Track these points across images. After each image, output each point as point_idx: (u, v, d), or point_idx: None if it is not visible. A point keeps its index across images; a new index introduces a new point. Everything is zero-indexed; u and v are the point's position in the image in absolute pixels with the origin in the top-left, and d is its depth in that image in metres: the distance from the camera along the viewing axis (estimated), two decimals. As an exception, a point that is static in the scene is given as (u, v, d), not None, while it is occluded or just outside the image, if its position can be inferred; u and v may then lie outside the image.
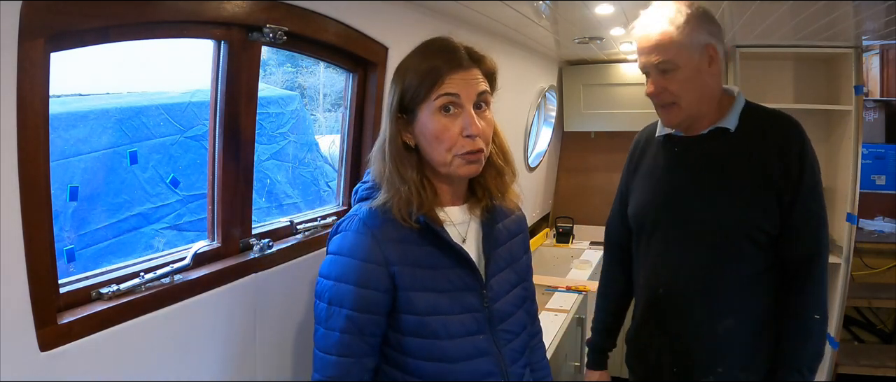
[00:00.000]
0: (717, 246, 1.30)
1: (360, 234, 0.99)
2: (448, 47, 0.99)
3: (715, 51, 1.26)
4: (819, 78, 3.12)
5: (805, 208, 1.26)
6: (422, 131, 0.98)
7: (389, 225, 0.99)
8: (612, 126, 3.55)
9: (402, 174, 0.98)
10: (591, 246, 3.52)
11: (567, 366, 2.39)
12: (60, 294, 0.96)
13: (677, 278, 1.35)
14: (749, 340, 1.32)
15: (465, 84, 0.97)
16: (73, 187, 1.93)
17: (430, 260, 1.00)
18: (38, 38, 0.82)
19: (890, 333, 3.35)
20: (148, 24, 1.02)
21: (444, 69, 0.96)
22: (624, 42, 2.83)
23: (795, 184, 1.25)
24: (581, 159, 3.81)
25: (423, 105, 0.97)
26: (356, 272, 0.98)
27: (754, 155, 1.28)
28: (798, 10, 2.04)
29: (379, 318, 0.99)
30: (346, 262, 0.99)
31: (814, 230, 1.27)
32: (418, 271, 0.99)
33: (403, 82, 0.98)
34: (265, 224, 1.47)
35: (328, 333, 0.99)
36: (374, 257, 0.97)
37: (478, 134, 0.97)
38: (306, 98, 3.14)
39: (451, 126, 0.96)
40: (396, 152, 0.99)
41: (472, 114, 0.97)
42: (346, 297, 0.98)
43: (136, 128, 2.14)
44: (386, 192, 0.99)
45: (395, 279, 0.98)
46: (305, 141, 2.94)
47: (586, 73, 3.54)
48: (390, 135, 0.99)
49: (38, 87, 0.84)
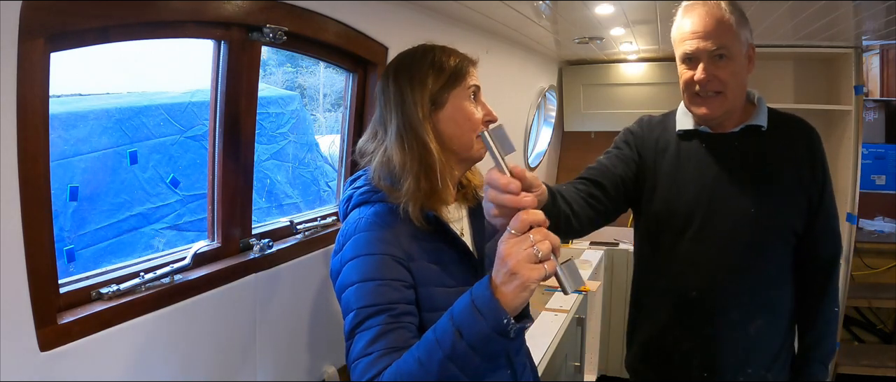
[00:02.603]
0: (752, 245, 1.29)
1: (373, 231, 0.96)
2: (455, 52, 1.07)
3: (753, 51, 1.30)
4: (819, 78, 3.12)
5: (828, 212, 1.32)
6: (452, 116, 1.02)
7: (401, 223, 0.98)
8: (612, 126, 3.55)
9: (429, 162, 0.98)
10: (591, 246, 3.52)
11: (567, 366, 2.39)
12: (60, 294, 0.96)
13: (713, 279, 1.32)
14: (776, 339, 1.33)
15: (477, 78, 1.06)
16: (73, 187, 1.93)
17: (440, 256, 1.00)
18: (38, 38, 0.82)
19: (890, 333, 3.35)
20: (148, 24, 1.02)
21: (467, 62, 1.05)
22: (624, 42, 2.83)
23: (821, 187, 1.30)
24: (581, 159, 3.81)
25: (456, 91, 1.02)
26: (380, 267, 0.93)
27: (787, 156, 1.30)
28: (798, 10, 2.04)
29: (412, 307, 0.94)
30: (366, 261, 0.93)
31: (835, 232, 1.34)
32: (432, 267, 0.98)
33: (432, 72, 1.02)
34: (265, 224, 1.47)
35: (363, 334, 0.90)
36: (393, 251, 0.95)
37: (495, 120, 1.04)
38: (306, 98, 3.14)
39: (477, 112, 1.03)
40: (425, 140, 0.99)
41: (484, 100, 1.06)
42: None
43: (136, 128, 2.14)
44: (406, 181, 0.98)
45: (413, 275, 0.96)
46: (305, 141, 2.94)
47: (586, 73, 3.54)
48: (417, 122, 1.00)
49: (38, 87, 0.84)
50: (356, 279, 0.91)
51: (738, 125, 1.32)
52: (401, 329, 0.89)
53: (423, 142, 0.99)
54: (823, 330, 1.34)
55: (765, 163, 1.30)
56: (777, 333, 1.33)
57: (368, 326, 0.88)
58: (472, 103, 1.04)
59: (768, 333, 1.32)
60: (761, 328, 1.31)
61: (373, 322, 0.88)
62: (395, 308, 0.89)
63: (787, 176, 1.29)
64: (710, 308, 1.32)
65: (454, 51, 1.06)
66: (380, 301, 0.89)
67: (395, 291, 0.91)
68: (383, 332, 0.87)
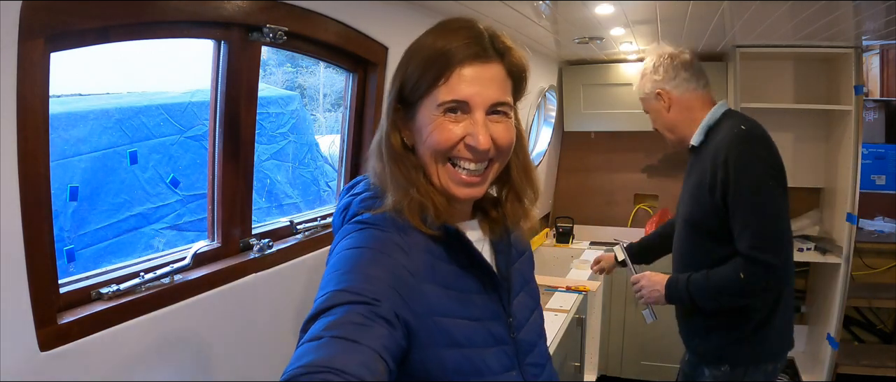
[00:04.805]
0: (688, 241, 1.65)
1: (380, 231, 0.78)
2: (467, 29, 0.79)
3: (664, 93, 1.64)
4: (819, 78, 3.12)
5: (740, 211, 1.47)
6: (418, 130, 0.81)
7: (412, 231, 0.79)
8: (611, 126, 3.55)
9: (405, 175, 0.80)
10: (591, 246, 3.52)
11: (567, 366, 2.38)
12: (60, 294, 0.96)
13: (675, 268, 1.72)
14: (710, 318, 1.67)
15: (479, 84, 0.77)
16: (74, 187, 1.93)
17: (459, 282, 0.81)
18: (38, 38, 0.82)
19: (890, 333, 3.35)
20: (148, 24, 1.02)
21: (456, 57, 0.76)
22: (624, 42, 2.83)
23: (723, 189, 1.48)
24: (581, 159, 3.81)
25: (425, 100, 0.79)
26: (380, 263, 0.74)
27: (704, 166, 1.55)
28: (798, 10, 2.04)
29: (399, 333, 0.70)
30: (362, 253, 0.75)
31: (752, 230, 1.46)
32: (451, 293, 0.79)
33: (407, 68, 0.80)
34: (265, 224, 1.47)
35: (325, 319, 0.66)
36: (402, 259, 0.76)
37: (485, 148, 0.77)
38: (306, 98, 3.15)
39: (453, 130, 0.78)
40: (393, 152, 0.81)
41: (481, 121, 0.77)
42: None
43: (136, 128, 2.14)
44: (393, 194, 0.80)
45: (419, 302, 0.75)
46: (305, 141, 2.94)
47: (586, 73, 3.54)
48: (386, 130, 0.82)
49: (38, 87, 0.84)
50: (342, 267, 0.72)
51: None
52: (376, 328, 0.65)
53: (393, 156, 0.83)
54: (705, 285, 1.54)
55: (694, 173, 1.61)
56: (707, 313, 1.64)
57: (335, 313, 0.64)
58: (446, 117, 0.79)
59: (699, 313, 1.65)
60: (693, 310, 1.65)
61: (343, 309, 0.64)
62: (379, 305, 0.67)
63: (702, 182, 1.55)
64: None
65: (458, 32, 0.79)
66: (363, 291, 0.67)
67: (389, 291, 0.70)
68: (351, 322, 0.63)
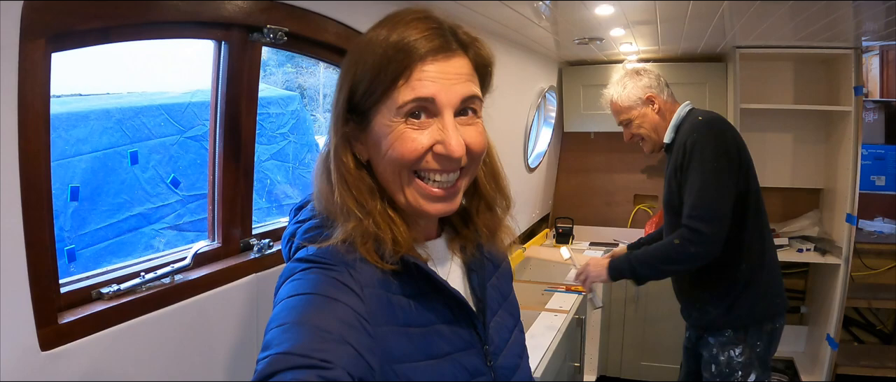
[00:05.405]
0: (666, 221, 1.95)
1: (326, 270, 0.67)
2: (424, 19, 0.68)
3: (650, 94, 1.91)
4: (819, 78, 3.12)
5: (689, 187, 1.74)
6: (375, 143, 0.69)
7: (363, 265, 0.68)
8: (611, 127, 3.48)
9: (358, 200, 0.69)
10: (590, 247, 3.52)
11: (567, 366, 2.39)
12: (61, 293, 0.96)
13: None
14: (692, 287, 1.97)
15: (444, 80, 0.67)
16: (74, 187, 1.93)
17: (421, 317, 0.71)
18: (38, 39, 0.82)
19: (890, 334, 3.35)
20: (148, 24, 1.02)
21: (416, 52, 0.66)
22: (624, 42, 2.84)
23: (686, 167, 1.76)
24: (581, 160, 3.81)
25: (381, 106, 0.67)
26: (326, 312, 0.63)
27: (674, 157, 1.84)
28: (798, 10, 2.04)
29: None
30: (307, 301, 0.65)
31: (694, 202, 1.72)
32: (412, 332, 0.69)
33: (356, 69, 0.68)
34: (265, 224, 1.47)
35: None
36: (351, 301, 0.65)
37: (458, 155, 0.67)
38: (306, 98, 3.15)
39: (418, 138, 0.67)
40: (343, 171, 0.70)
41: (451, 124, 0.67)
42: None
43: (137, 128, 2.15)
44: (343, 224, 0.69)
45: (377, 346, 0.65)
46: (305, 141, 2.95)
47: (586, 74, 3.54)
48: (334, 146, 0.71)
49: (38, 88, 0.84)
50: (287, 319, 0.62)
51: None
52: None
53: (344, 177, 0.73)
54: (644, 255, 1.82)
55: (669, 165, 1.87)
56: (687, 279, 1.94)
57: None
58: (409, 125, 0.67)
59: (680, 278, 2.00)
60: (681, 277, 1.98)
61: (288, 376, 0.54)
62: (329, 368, 0.56)
63: (674, 169, 1.82)
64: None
65: (413, 25, 0.67)
66: (311, 352, 0.57)
67: (341, 347, 0.59)
68: None
